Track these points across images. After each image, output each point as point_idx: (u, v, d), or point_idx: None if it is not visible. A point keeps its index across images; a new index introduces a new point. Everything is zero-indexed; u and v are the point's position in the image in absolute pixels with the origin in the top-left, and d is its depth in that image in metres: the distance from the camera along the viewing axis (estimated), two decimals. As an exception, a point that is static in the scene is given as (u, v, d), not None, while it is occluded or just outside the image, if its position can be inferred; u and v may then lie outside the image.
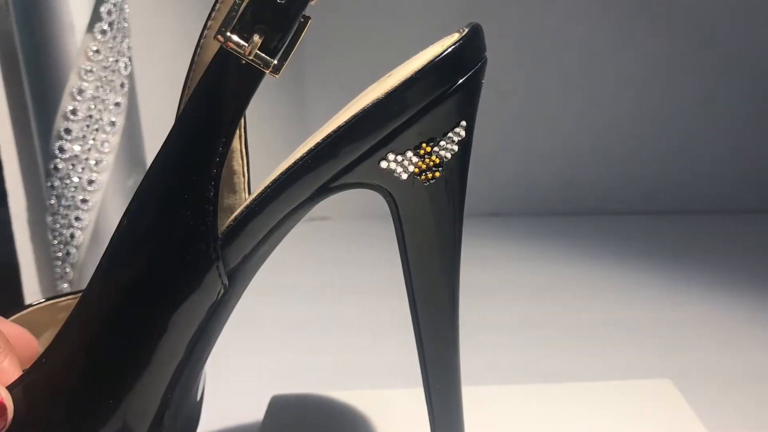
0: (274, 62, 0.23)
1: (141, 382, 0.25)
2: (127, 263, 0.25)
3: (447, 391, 0.30)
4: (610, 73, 0.74)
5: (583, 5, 0.72)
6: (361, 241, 0.71)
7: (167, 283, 0.25)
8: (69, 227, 0.49)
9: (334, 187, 0.25)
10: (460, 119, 0.25)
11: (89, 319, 0.25)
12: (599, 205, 0.78)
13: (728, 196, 0.78)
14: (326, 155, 0.24)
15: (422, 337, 0.29)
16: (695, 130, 0.76)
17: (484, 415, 0.37)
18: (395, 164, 0.25)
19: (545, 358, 0.46)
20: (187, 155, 0.24)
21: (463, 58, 0.24)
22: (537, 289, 0.58)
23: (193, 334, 0.26)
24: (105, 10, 0.47)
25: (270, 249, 0.27)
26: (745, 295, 0.55)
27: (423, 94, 0.24)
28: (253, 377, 0.44)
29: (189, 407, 0.30)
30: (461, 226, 0.27)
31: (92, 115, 0.48)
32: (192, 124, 0.24)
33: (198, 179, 0.23)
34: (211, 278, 0.25)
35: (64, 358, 0.25)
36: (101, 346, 0.25)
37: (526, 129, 0.75)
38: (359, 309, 0.54)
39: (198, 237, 0.24)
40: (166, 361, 0.25)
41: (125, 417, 0.25)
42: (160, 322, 0.25)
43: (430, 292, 0.28)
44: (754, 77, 0.75)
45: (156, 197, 0.24)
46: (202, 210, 0.24)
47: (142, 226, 0.24)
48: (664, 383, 0.40)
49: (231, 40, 0.23)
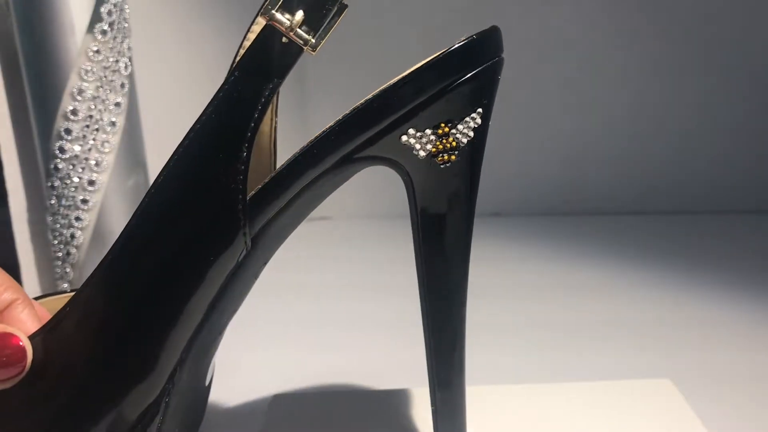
0: (312, 40, 0.26)
1: (158, 336, 0.27)
2: (159, 216, 0.27)
3: (452, 386, 0.31)
4: (610, 73, 0.74)
5: (583, 5, 0.72)
6: (362, 240, 0.71)
7: (195, 238, 0.26)
8: (69, 227, 0.49)
9: (358, 158, 0.27)
10: (477, 107, 0.27)
11: (113, 272, 0.27)
12: (599, 205, 0.78)
13: (728, 196, 0.78)
14: (353, 124, 0.26)
15: (430, 320, 0.30)
16: (695, 130, 0.76)
17: (483, 415, 0.37)
18: (414, 140, 0.27)
19: (545, 357, 0.46)
20: (227, 119, 0.26)
21: (482, 49, 0.27)
22: (537, 289, 0.58)
23: (213, 297, 0.27)
24: (105, 11, 0.47)
25: (290, 225, 0.29)
26: (745, 295, 0.55)
27: (444, 76, 0.26)
28: (254, 376, 0.44)
29: (198, 390, 0.32)
30: (473, 214, 0.29)
31: (92, 116, 0.48)
32: (234, 91, 0.26)
33: (235, 140, 0.26)
34: (236, 238, 0.26)
35: (85, 311, 0.27)
36: (124, 298, 0.27)
37: (526, 129, 0.75)
38: (360, 308, 0.54)
39: (229, 194, 0.26)
40: (184, 317, 0.27)
41: (140, 370, 0.27)
42: (184, 276, 0.27)
43: (441, 276, 0.29)
44: (753, 77, 0.75)
45: (194, 155, 0.26)
46: (235, 169, 0.26)
47: (179, 181, 0.26)
48: (664, 383, 0.40)
49: (275, 18, 0.25)
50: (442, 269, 0.29)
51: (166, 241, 0.27)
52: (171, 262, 0.27)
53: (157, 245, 0.27)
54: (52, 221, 0.50)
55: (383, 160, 0.28)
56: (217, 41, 0.69)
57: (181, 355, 0.27)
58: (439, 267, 0.29)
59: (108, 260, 0.27)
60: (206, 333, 0.28)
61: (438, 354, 0.31)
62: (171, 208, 0.26)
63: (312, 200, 0.29)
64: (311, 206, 0.30)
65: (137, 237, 0.27)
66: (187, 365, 0.28)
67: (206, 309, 0.27)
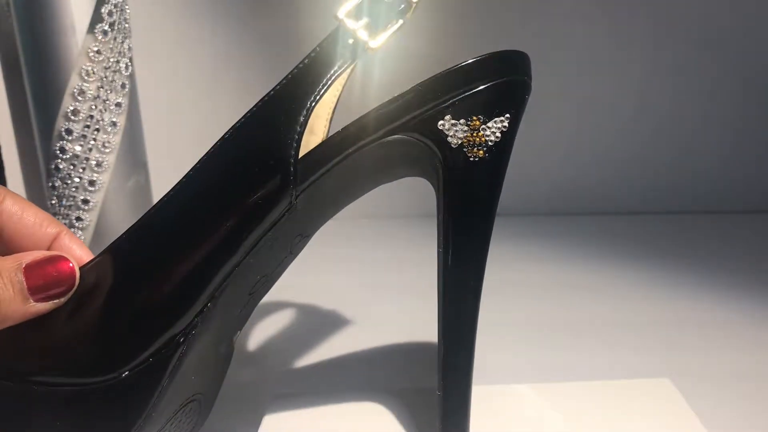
0: (372, 43, 0.31)
1: (200, 263, 0.30)
2: (223, 158, 0.31)
3: (461, 382, 0.33)
4: (610, 73, 0.74)
5: (583, 6, 0.72)
6: (362, 240, 0.71)
7: (250, 180, 0.30)
8: (70, 227, 0.49)
9: (400, 136, 0.31)
10: (505, 112, 0.31)
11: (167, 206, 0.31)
12: (599, 205, 0.78)
13: (728, 196, 0.78)
14: (403, 102, 0.30)
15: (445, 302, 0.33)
16: (695, 130, 0.76)
17: (484, 414, 0.37)
18: (450, 126, 0.30)
19: (545, 357, 0.46)
20: (293, 91, 0.31)
21: (516, 62, 0.31)
22: (537, 289, 0.58)
23: (252, 244, 0.30)
24: (106, 11, 0.47)
25: (333, 196, 0.33)
26: (745, 295, 0.56)
27: (485, 74, 0.30)
28: (254, 376, 0.44)
29: (219, 352, 0.34)
30: (494, 214, 0.32)
31: (93, 116, 0.48)
32: (304, 71, 0.31)
33: (297, 106, 0.30)
34: (284, 188, 0.30)
35: (138, 237, 0.30)
36: (176, 224, 0.30)
37: (526, 129, 0.75)
38: (359, 309, 0.54)
39: (285, 147, 0.30)
40: (224, 250, 0.30)
41: (179, 295, 0.29)
42: (231, 211, 0.30)
43: (461, 266, 0.32)
44: (754, 77, 0.75)
45: (264, 114, 0.31)
46: (293, 129, 0.30)
47: (248, 132, 0.31)
48: (664, 383, 0.40)
49: (344, 22, 0.31)
50: (462, 259, 0.32)
51: (224, 184, 0.30)
52: (227, 201, 0.30)
53: (216, 186, 0.30)
54: (53, 221, 0.50)
55: (419, 145, 0.31)
56: (217, 42, 0.69)
57: (213, 292, 0.30)
58: (458, 257, 0.32)
59: (164, 199, 0.31)
60: (238, 280, 0.31)
61: (451, 345, 0.33)
62: (237, 154, 0.30)
63: (353, 175, 0.32)
64: (351, 184, 0.33)
65: (200, 177, 0.31)
66: (218, 307, 0.30)
67: (245, 252, 0.30)
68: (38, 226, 0.32)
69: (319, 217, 0.35)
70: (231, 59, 0.70)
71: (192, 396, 0.32)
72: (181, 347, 0.29)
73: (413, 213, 0.74)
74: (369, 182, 0.34)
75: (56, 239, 0.32)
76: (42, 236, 0.32)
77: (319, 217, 0.35)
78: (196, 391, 0.33)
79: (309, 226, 0.34)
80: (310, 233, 0.35)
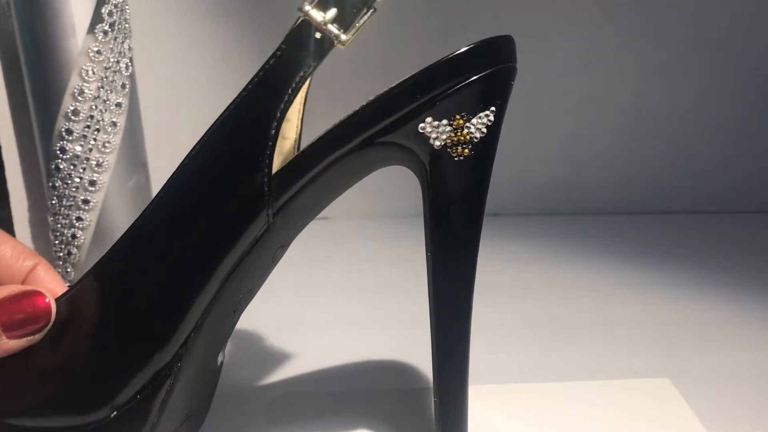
0: (342, 37, 0.28)
1: (177, 299, 0.28)
2: (189, 184, 0.29)
3: (457, 384, 0.32)
4: (610, 73, 0.74)
5: (582, 5, 0.72)
6: (361, 240, 0.71)
7: (221, 207, 0.28)
8: (70, 227, 0.49)
9: (379, 143, 0.29)
10: (490, 105, 0.29)
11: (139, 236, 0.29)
12: (599, 205, 0.78)
13: (728, 196, 0.78)
14: (376, 108, 0.29)
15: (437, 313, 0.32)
16: (695, 130, 0.76)
17: (483, 414, 0.37)
18: (431, 128, 0.29)
19: (544, 357, 0.46)
20: (260, 100, 0.28)
21: (498, 51, 0.29)
22: (537, 288, 0.58)
23: (231, 267, 0.29)
24: (106, 11, 0.47)
25: (309, 209, 0.31)
26: (745, 295, 0.56)
27: (462, 70, 0.28)
28: (254, 376, 0.44)
29: (208, 369, 0.33)
30: (482, 211, 0.30)
31: (93, 116, 0.48)
32: (271, 75, 0.28)
33: (265, 118, 0.28)
34: (259, 210, 0.28)
35: (111, 273, 0.29)
36: (148, 261, 0.29)
37: (526, 129, 0.75)
38: (359, 309, 0.54)
39: (257, 165, 0.28)
40: (202, 282, 0.28)
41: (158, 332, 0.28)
42: (206, 241, 0.28)
43: (450, 268, 0.31)
44: (753, 77, 0.75)
45: (229, 130, 0.29)
46: (264, 144, 0.28)
47: (212, 152, 0.29)
48: (664, 383, 0.40)
49: (309, 14, 0.28)
50: (451, 262, 0.31)
51: (193, 209, 0.29)
52: (197, 228, 0.29)
53: (185, 212, 0.29)
54: (53, 221, 0.50)
55: (401, 149, 0.29)
56: (217, 42, 0.69)
57: (196, 323, 0.29)
58: (447, 260, 0.31)
59: (136, 226, 0.29)
60: (221, 305, 0.30)
61: (444, 348, 0.32)
62: (202, 177, 0.29)
63: (332, 184, 0.31)
64: (331, 192, 0.31)
65: (166, 204, 0.29)
66: (201, 334, 0.29)
67: (223, 278, 0.29)
68: (15, 259, 0.30)
69: (300, 225, 0.33)
70: (231, 59, 0.70)
71: (185, 417, 0.32)
72: (168, 380, 0.28)
73: (413, 213, 0.74)
74: (351, 182, 0.32)
75: (32, 272, 0.31)
76: (18, 269, 0.30)
77: (300, 225, 0.33)
78: (187, 412, 0.32)
79: (290, 235, 0.33)
80: (292, 239, 0.33)
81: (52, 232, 0.50)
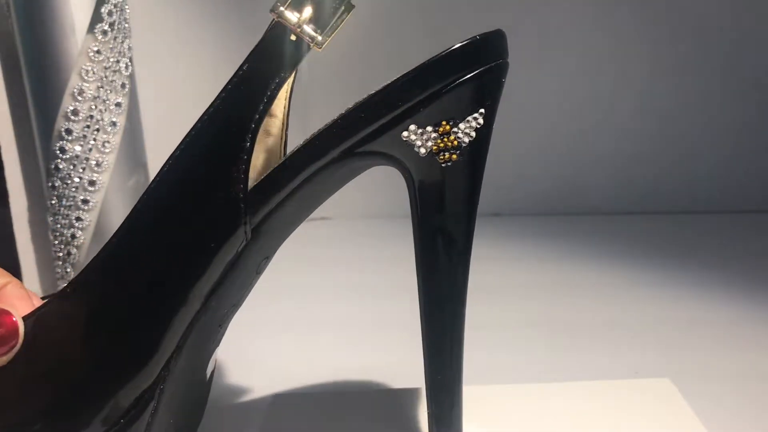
0: (319, 38, 0.27)
1: (156, 321, 0.27)
2: (163, 201, 0.27)
3: (450, 388, 0.31)
4: (610, 73, 0.74)
5: (583, 5, 0.72)
6: (361, 241, 0.71)
7: (196, 224, 0.27)
8: (70, 227, 0.49)
9: (360, 153, 0.27)
10: (479, 107, 0.27)
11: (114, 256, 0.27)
12: (599, 205, 0.78)
13: (728, 196, 0.78)
14: (355, 118, 0.27)
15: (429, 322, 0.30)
16: (695, 130, 0.76)
17: (483, 414, 0.37)
18: (415, 137, 0.27)
19: (545, 357, 0.46)
20: (234, 110, 0.27)
21: (485, 50, 0.27)
22: (537, 289, 0.58)
23: (212, 285, 0.27)
24: (106, 11, 0.47)
25: (292, 220, 0.30)
26: (745, 295, 0.56)
27: (446, 73, 0.26)
28: (253, 377, 0.44)
29: (196, 384, 0.31)
30: (474, 215, 0.29)
31: (93, 116, 0.48)
32: (243, 84, 0.27)
33: (238, 129, 0.27)
34: (236, 226, 0.27)
35: (85, 293, 0.27)
36: (124, 282, 0.27)
37: (526, 129, 0.75)
38: (359, 309, 0.54)
39: (231, 182, 0.26)
40: (182, 303, 0.27)
41: (137, 354, 0.27)
42: (183, 261, 0.27)
43: (441, 277, 0.29)
44: (753, 78, 0.75)
45: (201, 143, 0.27)
46: (238, 158, 0.26)
47: (185, 168, 0.27)
48: (664, 383, 0.40)
49: (283, 15, 0.26)
50: (442, 270, 0.29)
51: (168, 227, 0.27)
52: (172, 247, 0.27)
53: (159, 230, 0.27)
54: (53, 221, 0.50)
55: (385, 157, 0.28)
56: (217, 41, 0.69)
57: (179, 342, 0.28)
58: (438, 268, 0.29)
59: (111, 244, 0.28)
60: (204, 322, 0.28)
61: (436, 356, 0.31)
62: (175, 194, 0.27)
63: (315, 194, 0.29)
64: (314, 201, 0.30)
65: (141, 222, 0.27)
66: (184, 354, 0.28)
67: (205, 297, 0.28)
68: None
69: (284, 235, 0.31)
70: (231, 59, 0.70)
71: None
72: (152, 402, 0.27)
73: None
74: (336, 188, 0.31)
75: (0, 291, 0.29)
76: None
77: (284, 235, 0.31)
78: (177, 428, 0.30)
79: (274, 247, 0.31)
80: (277, 248, 0.32)
81: (52, 232, 0.50)
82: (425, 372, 0.32)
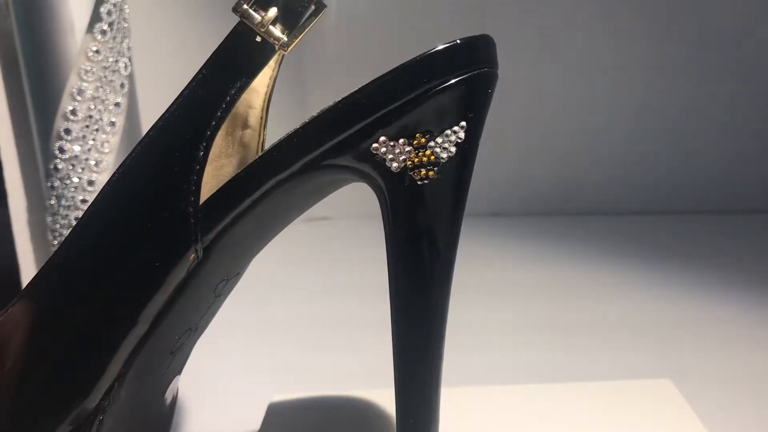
0: (285, 39, 0.24)
1: (96, 343, 0.25)
2: (109, 214, 0.25)
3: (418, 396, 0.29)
4: (610, 73, 0.74)
5: (583, 5, 0.72)
6: (361, 240, 0.71)
7: (141, 240, 0.24)
8: (69, 228, 0.49)
9: (326, 166, 0.24)
10: (460, 120, 0.24)
11: (54, 270, 0.25)
12: (599, 205, 0.78)
13: (728, 196, 0.78)
14: (318, 127, 0.24)
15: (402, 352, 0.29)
16: (695, 130, 0.76)
17: (482, 415, 0.37)
18: (386, 149, 0.24)
19: (545, 357, 0.46)
20: (186, 116, 0.25)
21: (467, 56, 0.23)
22: (536, 288, 0.58)
23: (160, 308, 0.25)
24: (105, 11, 0.47)
25: (254, 239, 0.27)
26: (745, 295, 0.55)
27: (420, 80, 0.23)
28: (253, 377, 0.44)
29: (149, 414, 0.29)
30: (456, 240, 0.25)
31: (92, 116, 0.48)
32: (200, 90, 0.25)
33: (191, 137, 0.24)
34: (184, 243, 0.24)
35: (21, 312, 0.25)
36: (63, 300, 0.25)
37: (526, 129, 0.75)
38: (359, 309, 0.54)
39: (180, 194, 0.24)
40: (125, 326, 0.25)
41: (74, 379, 0.25)
42: (127, 280, 0.24)
43: (416, 305, 0.27)
44: (754, 77, 0.75)
45: (152, 152, 0.25)
46: (189, 168, 0.24)
47: (133, 179, 0.25)
48: (664, 383, 0.40)
49: (247, 14, 0.24)
50: (415, 310, 0.27)
51: (111, 241, 0.25)
52: (115, 263, 0.25)
53: (103, 245, 0.25)
54: (52, 221, 0.50)
55: (354, 172, 0.25)
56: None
57: (121, 370, 0.25)
58: (414, 293, 0.27)
59: (57, 255, 0.25)
60: (151, 348, 0.26)
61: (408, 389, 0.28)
62: (121, 206, 0.25)
63: (278, 212, 0.26)
64: (281, 219, 0.27)
65: (84, 236, 0.25)
66: (127, 383, 0.26)
67: (152, 320, 0.25)
68: None
69: (250, 253, 0.28)
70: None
71: None
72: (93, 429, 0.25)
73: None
74: (308, 204, 0.28)
75: None
76: None
77: (250, 253, 0.28)
78: None
79: (235, 267, 0.28)
80: (241, 271, 0.29)
81: (51, 232, 0.50)
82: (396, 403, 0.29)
